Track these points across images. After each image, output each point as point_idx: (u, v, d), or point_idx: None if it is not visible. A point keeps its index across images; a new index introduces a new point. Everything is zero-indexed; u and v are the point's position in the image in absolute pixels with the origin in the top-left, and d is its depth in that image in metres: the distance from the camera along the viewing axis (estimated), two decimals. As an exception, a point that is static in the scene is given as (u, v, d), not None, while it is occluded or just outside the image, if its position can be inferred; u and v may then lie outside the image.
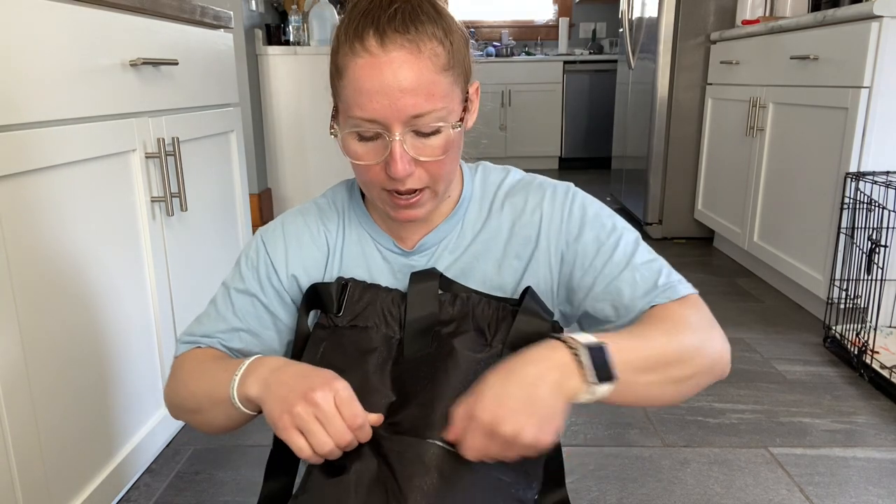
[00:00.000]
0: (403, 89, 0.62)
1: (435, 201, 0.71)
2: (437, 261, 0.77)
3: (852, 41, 1.89)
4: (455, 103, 0.67)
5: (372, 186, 0.70)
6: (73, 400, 1.08)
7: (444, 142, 0.67)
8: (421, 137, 0.66)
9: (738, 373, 1.83)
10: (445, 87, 0.65)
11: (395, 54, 0.62)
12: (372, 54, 0.63)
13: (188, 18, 1.48)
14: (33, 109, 0.97)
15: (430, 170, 0.68)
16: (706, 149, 3.05)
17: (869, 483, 1.34)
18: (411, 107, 0.63)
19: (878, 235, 1.78)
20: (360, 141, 0.67)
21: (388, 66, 0.62)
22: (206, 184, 1.59)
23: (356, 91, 0.64)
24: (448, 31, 0.66)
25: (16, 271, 0.94)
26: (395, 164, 0.65)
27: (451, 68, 0.66)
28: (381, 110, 0.63)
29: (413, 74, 0.63)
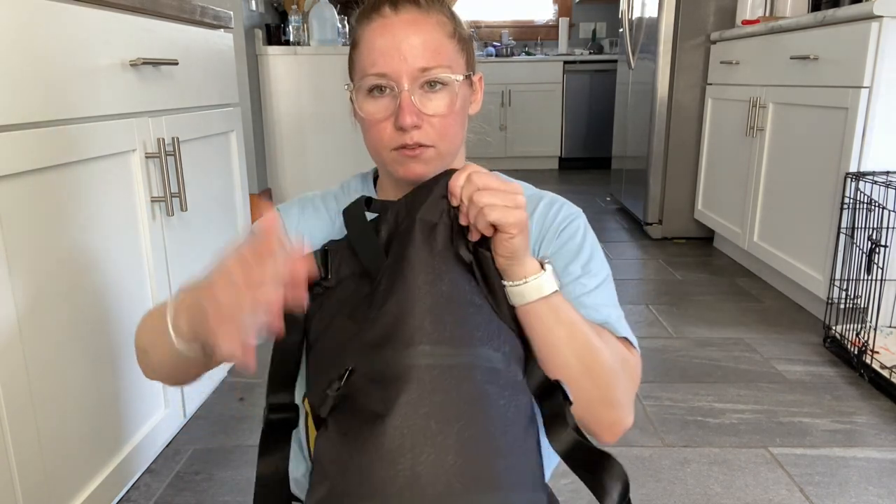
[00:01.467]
0: (413, 45, 0.69)
1: (439, 161, 0.73)
2: None
3: (852, 41, 1.90)
4: (461, 68, 0.73)
5: (382, 148, 0.72)
6: (72, 400, 1.08)
7: (450, 97, 0.71)
8: (428, 92, 0.71)
9: (738, 373, 1.83)
10: (451, 53, 0.72)
11: (405, 16, 0.70)
12: (385, 17, 0.70)
13: (188, 18, 1.48)
14: (33, 109, 0.97)
15: (436, 126, 0.71)
16: (706, 149, 3.05)
17: (869, 483, 1.34)
18: (419, 58, 0.69)
19: (878, 235, 1.78)
20: (372, 98, 0.71)
21: (400, 25, 0.69)
22: (206, 184, 1.59)
23: (369, 50, 0.70)
24: (454, 18, 0.73)
25: (16, 271, 0.94)
26: (404, 114, 0.69)
27: (456, 39, 0.72)
28: (393, 63, 0.69)
29: (422, 32, 0.70)
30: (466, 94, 0.75)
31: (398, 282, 0.63)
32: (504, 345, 0.65)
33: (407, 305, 0.62)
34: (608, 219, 3.75)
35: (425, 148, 0.71)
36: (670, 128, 3.14)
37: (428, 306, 0.62)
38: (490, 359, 0.63)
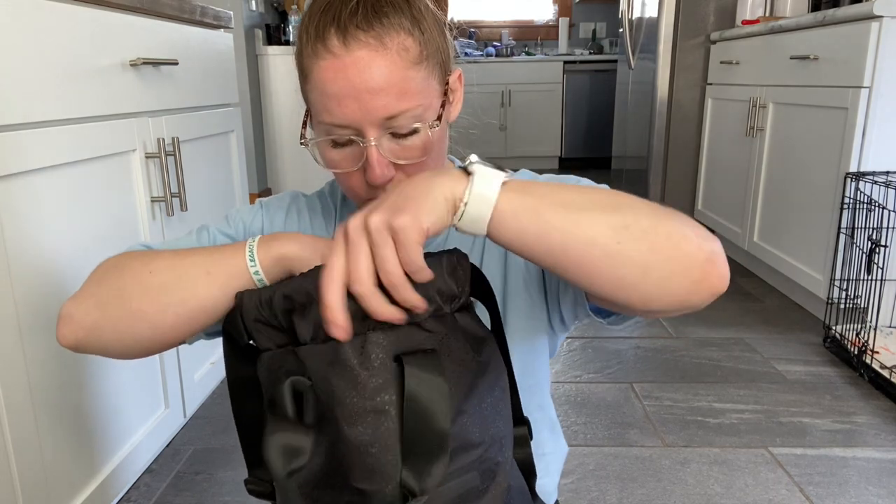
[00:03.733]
0: (372, 90, 0.58)
1: None
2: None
3: (852, 41, 1.90)
4: (432, 98, 0.62)
5: (355, 196, 0.66)
6: (72, 400, 1.08)
7: (424, 142, 0.62)
8: (398, 139, 0.61)
9: (738, 373, 1.83)
10: (419, 83, 0.60)
11: (359, 53, 0.58)
12: (335, 55, 0.58)
13: (188, 18, 1.48)
14: (33, 109, 0.97)
15: (411, 173, 0.62)
16: (706, 149, 3.06)
17: (869, 483, 1.34)
18: (382, 108, 0.58)
19: (878, 235, 1.78)
20: (335, 147, 0.62)
21: (354, 67, 0.58)
22: (206, 184, 1.59)
23: (323, 95, 0.59)
24: (417, 20, 0.61)
25: (16, 271, 0.94)
26: (373, 171, 0.60)
27: (423, 60, 0.60)
28: (352, 114, 0.59)
29: (381, 73, 0.58)
30: (444, 122, 0.65)
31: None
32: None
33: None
34: (608, 219, 3.74)
35: None
36: (670, 128, 3.14)
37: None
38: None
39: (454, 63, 0.67)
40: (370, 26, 0.58)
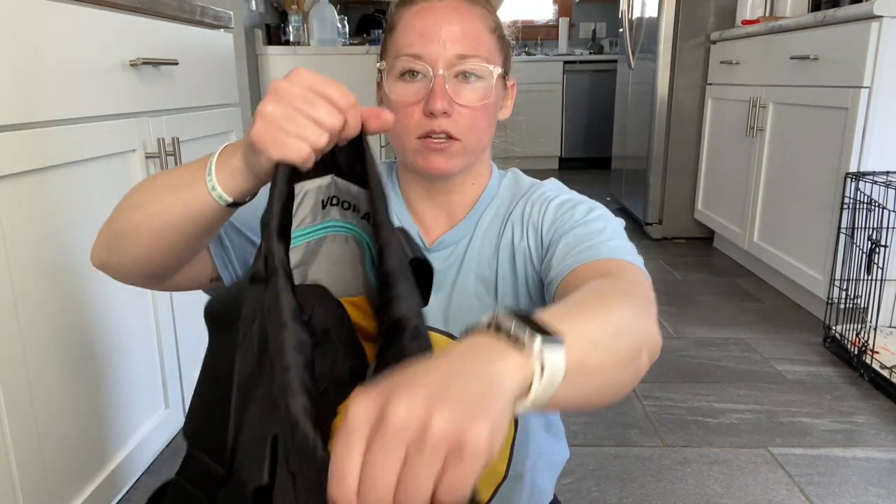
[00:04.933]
0: (452, 32, 0.67)
1: (463, 158, 0.72)
2: (452, 262, 0.78)
3: (852, 41, 1.89)
4: (498, 63, 0.71)
5: (407, 134, 0.70)
6: (72, 400, 1.08)
7: (484, 90, 0.70)
8: (462, 82, 0.69)
9: (738, 373, 1.83)
10: (490, 47, 0.70)
11: (449, 2, 0.69)
12: (428, 1, 0.69)
13: (188, 18, 1.48)
14: (34, 109, 0.97)
15: (466, 117, 0.69)
16: (706, 149, 3.06)
17: (869, 483, 1.34)
18: (458, 45, 0.67)
19: (878, 235, 1.78)
20: (403, 81, 0.69)
21: (443, 10, 0.68)
22: (206, 184, 1.58)
23: (408, 31, 0.69)
24: (493, 15, 0.73)
25: (16, 271, 0.94)
26: (435, 98, 0.66)
27: (496, 35, 0.71)
28: (430, 46, 0.67)
29: (463, 21, 0.68)
30: (500, 93, 0.73)
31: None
32: None
33: None
34: (608, 219, 3.74)
35: (452, 141, 0.69)
36: (670, 128, 3.14)
37: None
38: None
39: (512, 74, 0.78)
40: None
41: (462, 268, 0.77)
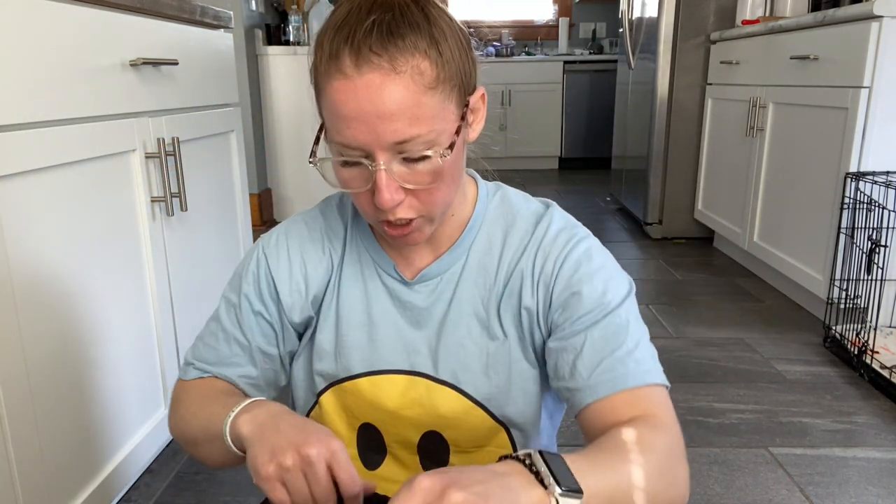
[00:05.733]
0: (382, 115, 0.56)
1: (433, 226, 0.66)
2: (438, 295, 0.72)
3: (852, 41, 1.90)
4: (447, 122, 0.60)
5: (365, 215, 0.65)
6: (72, 400, 1.08)
7: (435, 168, 0.60)
8: (408, 163, 0.59)
9: (738, 373, 1.83)
10: (433, 107, 0.58)
11: (370, 76, 0.56)
12: (347, 77, 0.56)
13: (188, 18, 1.48)
14: (34, 109, 0.97)
15: (422, 197, 0.62)
16: (706, 149, 3.06)
17: (869, 483, 1.34)
18: (392, 133, 0.57)
19: (878, 235, 1.78)
20: (345, 167, 0.61)
21: (365, 90, 0.56)
22: (206, 184, 1.59)
23: (334, 115, 0.58)
24: (438, 40, 0.58)
25: (16, 271, 0.94)
26: (381, 195, 0.59)
27: (439, 84, 0.58)
28: (362, 137, 0.57)
29: (393, 98, 0.56)
30: (458, 147, 0.62)
31: None
32: None
33: None
34: (608, 219, 3.75)
35: (412, 221, 0.63)
36: (670, 128, 3.14)
37: None
38: None
39: (478, 81, 0.65)
40: (384, 49, 0.56)
41: (453, 304, 0.71)
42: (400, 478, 0.76)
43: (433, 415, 0.72)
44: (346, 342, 0.72)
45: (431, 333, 0.72)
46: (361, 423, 0.75)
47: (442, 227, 0.71)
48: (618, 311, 0.67)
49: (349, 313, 0.73)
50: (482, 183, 0.75)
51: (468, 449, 0.74)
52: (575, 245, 0.69)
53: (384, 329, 0.72)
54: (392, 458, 0.76)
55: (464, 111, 0.63)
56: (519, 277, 0.70)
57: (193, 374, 0.74)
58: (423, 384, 0.72)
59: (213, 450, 0.66)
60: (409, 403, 0.72)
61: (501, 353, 0.71)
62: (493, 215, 0.73)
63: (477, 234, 0.72)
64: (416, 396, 0.72)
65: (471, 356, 0.71)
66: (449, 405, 0.71)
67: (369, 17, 0.57)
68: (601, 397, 0.65)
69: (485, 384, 0.71)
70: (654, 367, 0.67)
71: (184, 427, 0.71)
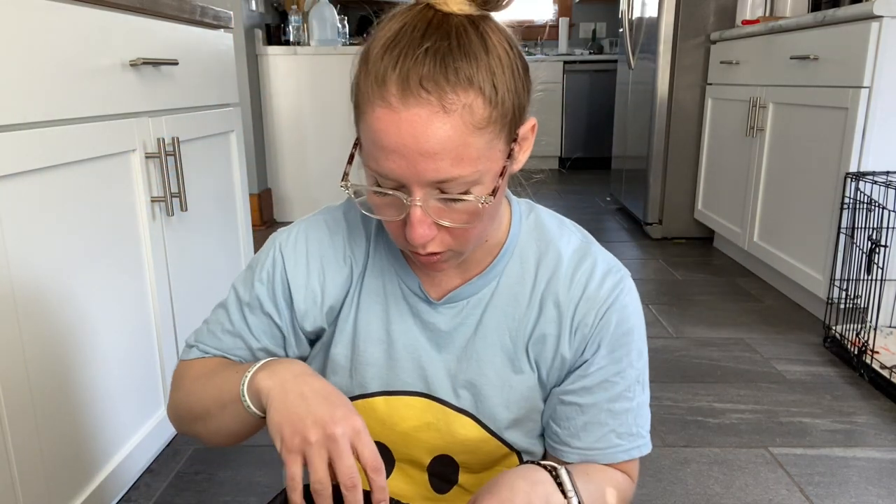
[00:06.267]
0: (425, 153, 0.52)
1: (463, 257, 0.63)
2: (463, 320, 0.69)
3: (852, 41, 1.90)
4: (493, 162, 0.56)
5: (395, 238, 0.62)
6: (73, 400, 1.08)
7: (473, 209, 0.56)
8: (447, 201, 0.56)
9: (738, 373, 1.83)
10: (480, 148, 0.54)
11: (417, 110, 0.51)
12: (391, 106, 0.52)
13: (188, 18, 1.48)
14: (33, 109, 0.97)
15: (456, 234, 0.58)
16: (706, 149, 3.06)
17: (869, 483, 1.34)
18: (433, 172, 0.53)
19: (878, 235, 1.78)
20: (378, 194, 0.58)
21: (408, 125, 0.52)
22: (206, 184, 1.59)
23: (373, 144, 0.54)
24: (495, 72, 0.54)
25: (16, 271, 0.94)
26: (414, 230, 0.56)
27: (490, 123, 0.54)
28: (399, 170, 0.53)
29: (438, 137, 0.52)
30: (502, 189, 0.59)
31: None
32: None
33: None
34: (608, 219, 3.75)
35: (442, 254, 0.60)
36: (670, 128, 3.14)
37: None
38: None
39: (529, 113, 0.62)
40: (435, 84, 0.51)
41: (479, 330, 0.68)
42: (406, 493, 0.75)
43: (448, 440, 0.71)
44: (362, 358, 0.70)
45: (452, 359, 0.69)
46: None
47: (473, 252, 0.67)
48: (635, 385, 0.69)
49: (367, 328, 0.70)
50: (515, 202, 0.71)
51: (478, 470, 0.74)
52: (618, 296, 0.67)
53: (403, 348, 0.69)
54: (399, 472, 0.75)
55: (512, 147, 0.59)
56: (556, 320, 0.68)
57: (196, 354, 0.73)
58: (440, 410, 0.70)
59: (224, 418, 0.64)
60: (425, 427, 0.70)
61: (523, 388, 0.70)
62: (526, 240, 0.70)
63: (510, 260, 0.69)
64: (432, 421, 0.70)
65: (492, 388, 0.69)
66: (465, 433, 0.70)
67: (423, 44, 0.52)
68: (591, 461, 0.69)
69: (504, 417, 0.70)
70: (644, 441, 0.70)
71: (191, 400, 0.68)
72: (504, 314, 0.68)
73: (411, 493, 0.75)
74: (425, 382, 0.70)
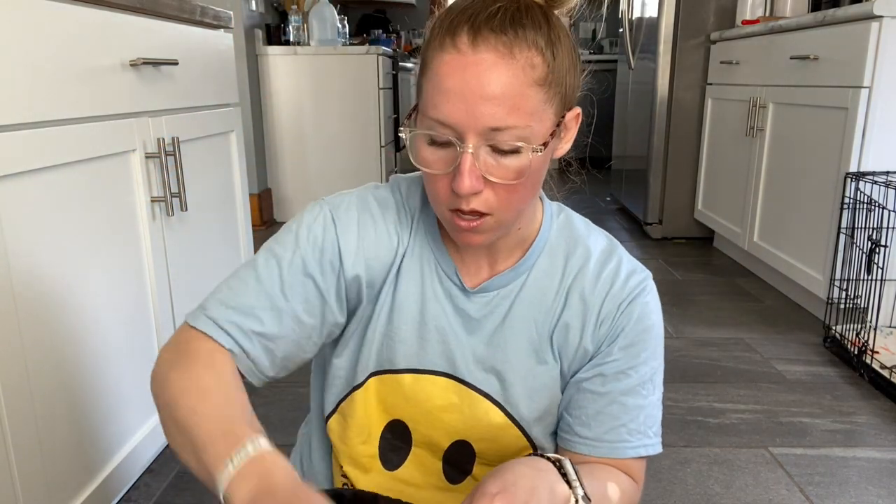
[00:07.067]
0: (486, 96, 0.55)
1: (498, 231, 0.64)
2: (492, 309, 0.71)
3: (852, 41, 1.90)
4: (543, 125, 0.59)
5: (437, 202, 0.63)
6: (72, 400, 1.08)
7: (521, 165, 0.59)
8: (496, 154, 0.59)
9: (738, 373, 1.83)
10: (535, 104, 0.58)
11: (484, 55, 0.56)
12: (460, 52, 0.56)
13: (188, 18, 1.48)
14: (33, 109, 0.97)
15: (500, 194, 0.60)
16: (706, 149, 3.06)
17: (869, 483, 1.34)
18: (490, 117, 0.56)
19: (878, 235, 1.78)
20: (431, 146, 0.60)
21: (475, 68, 0.56)
22: (206, 184, 1.59)
23: (435, 89, 0.58)
24: (553, 44, 0.59)
25: (16, 271, 0.94)
26: (462, 179, 0.58)
27: (546, 85, 0.58)
28: (457, 114, 0.56)
29: (500, 82, 0.55)
30: (548, 151, 0.62)
31: None
32: None
33: None
34: (608, 219, 3.75)
35: (483, 217, 0.61)
36: (670, 128, 3.14)
37: None
38: None
39: (576, 101, 0.66)
40: (504, 32, 0.56)
41: (507, 321, 0.71)
42: (418, 482, 0.76)
43: (470, 424, 0.72)
44: (395, 335, 0.71)
45: (480, 344, 0.71)
46: (393, 418, 0.74)
47: (506, 240, 0.70)
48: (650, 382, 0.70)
49: (402, 307, 0.71)
50: (547, 203, 0.75)
51: (494, 462, 0.74)
52: (640, 293, 0.71)
53: (435, 330, 0.71)
54: (414, 458, 0.75)
55: (559, 123, 0.62)
56: (581, 313, 0.70)
57: (203, 324, 0.69)
58: (465, 392, 0.72)
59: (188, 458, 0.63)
60: (449, 407, 0.72)
61: (546, 378, 0.72)
62: (556, 238, 0.73)
63: (540, 254, 0.72)
64: (456, 402, 0.72)
65: (516, 375, 0.71)
66: (488, 418, 0.72)
67: (494, 4, 0.58)
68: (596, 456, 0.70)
69: (526, 407, 0.72)
70: (653, 440, 0.71)
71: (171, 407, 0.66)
72: (532, 306, 0.71)
73: (423, 481, 0.76)
74: (452, 365, 0.72)
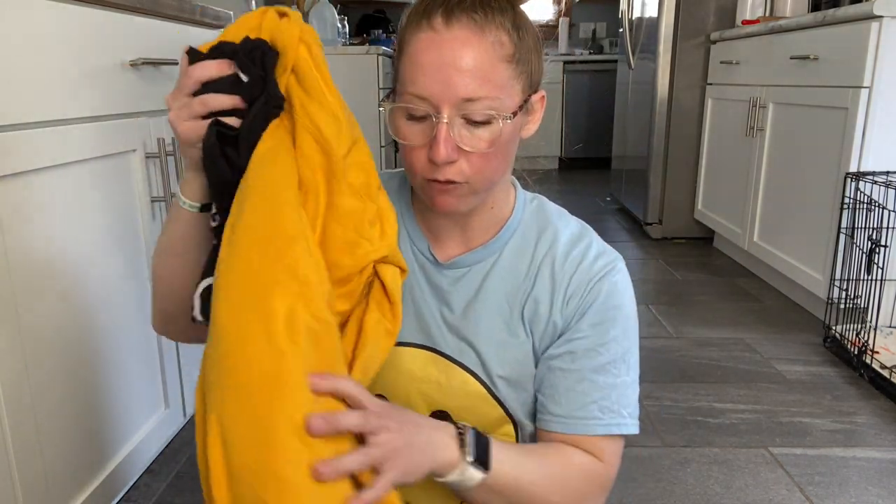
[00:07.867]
0: (459, 69, 0.61)
1: (471, 200, 0.69)
2: (466, 282, 0.75)
3: (852, 41, 1.90)
4: (512, 99, 0.65)
5: (414, 173, 0.68)
6: (72, 400, 1.09)
7: (493, 135, 0.65)
8: (470, 126, 0.64)
9: (738, 373, 1.83)
10: (504, 78, 0.64)
11: (457, 33, 0.62)
12: (435, 30, 0.63)
13: (188, 18, 1.48)
14: (33, 109, 0.97)
15: (474, 163, 0.65)
16: (706, 149, 3.06)
17: (869, 483, 1.34)
18: (463, 88, 0.62)
19: (878, 235, 1.78)
20: (409, 120, 0.65)
21: (449, 44, 0.62)
22: (206, 184, 1.58)
23: (412, 65, 0.63)
24: (518, 26, 0.66)
25: (16, 271, 0.94)
26: (438, 147, 0.63)
27: (514, 62, 0.64)
28: (434, 87, 0.62)
29: (472, 55, 0.62)
30: (517, 124, 0.68)
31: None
32: None
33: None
34: (608, 219, 3.75)
35: (458, 184, 0.66)
36: (670, 128, 3.14)
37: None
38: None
39: (541, 85, 0.71)
40: (475, 11, 0.63)
41: (479, 295, 0.74)
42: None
43: (448, 395, 0.74)
44: None
45: (454, 317, 0.75)
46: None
47: (479, 219, 0.74)
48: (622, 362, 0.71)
49: None
50: (521, 190, 0.79)
51: None
52: (609, 272, 0.73)
53: (412, 302, 0.75)
54: None
55: (526, 100, 0.68)
56: (549, 289, 0.73)
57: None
58: (442, 363, 0.74)
59: (175, 235, 0.68)
60: (427, 378, 0.74)
61: (517, 352, 0.74)
62: (529, 220, 0.77)
63: (513, 235, 0.76)
64: (434, 373, 0.74)
65: (490, 348, 0.74)
66: (465, 389, 0.74)
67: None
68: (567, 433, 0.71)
69: (500, 378, 0.74)
70: (627, 420, 0.72)
71: (161, 246, 0.72)
72: (504, 281, 0.75)
73: None
74: (429, 336, 0.75)
